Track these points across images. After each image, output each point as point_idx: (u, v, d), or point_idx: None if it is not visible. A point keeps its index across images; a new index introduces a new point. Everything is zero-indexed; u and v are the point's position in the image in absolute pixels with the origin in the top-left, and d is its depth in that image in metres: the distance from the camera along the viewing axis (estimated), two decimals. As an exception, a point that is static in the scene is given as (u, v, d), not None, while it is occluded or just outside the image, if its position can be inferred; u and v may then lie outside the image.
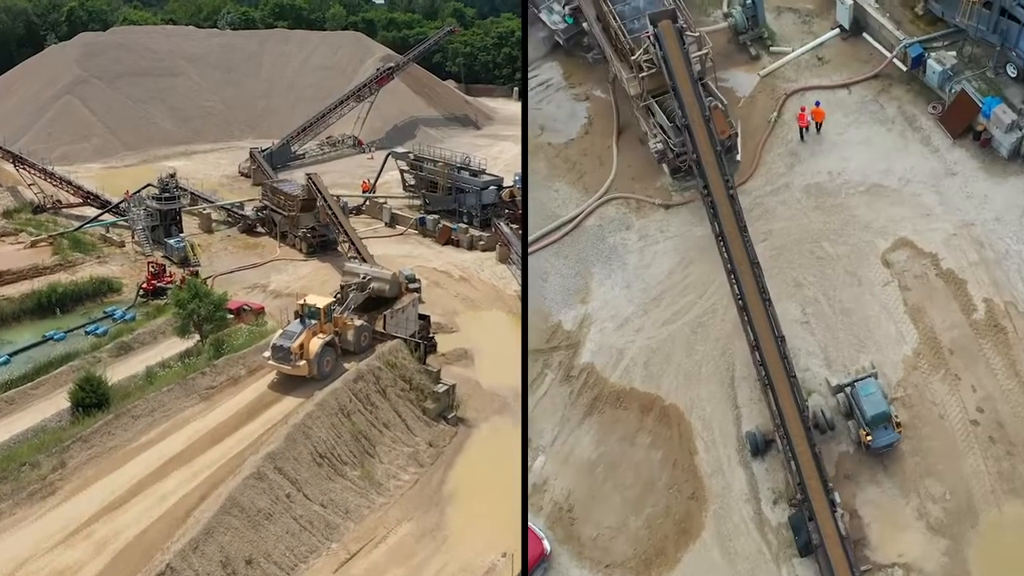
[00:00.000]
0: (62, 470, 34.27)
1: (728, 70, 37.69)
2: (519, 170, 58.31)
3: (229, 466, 34.42)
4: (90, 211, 71.96)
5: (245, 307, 51.86)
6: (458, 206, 69.94)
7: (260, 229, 70.11)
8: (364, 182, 79.83)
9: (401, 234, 70.53)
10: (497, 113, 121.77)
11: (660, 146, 34.19)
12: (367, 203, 75.83)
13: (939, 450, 28.96)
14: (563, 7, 39.13)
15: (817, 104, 35.94)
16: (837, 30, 38.00)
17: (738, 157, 34.75)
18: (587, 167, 36.44)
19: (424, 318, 49.17)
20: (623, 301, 33.06)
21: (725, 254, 30.50)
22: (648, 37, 33.82)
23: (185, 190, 73.18)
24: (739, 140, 35.31)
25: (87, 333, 51.53)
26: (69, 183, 73.78)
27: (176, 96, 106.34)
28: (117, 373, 43.28)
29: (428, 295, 56.63)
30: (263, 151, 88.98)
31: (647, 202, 35.22)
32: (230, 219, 72.20)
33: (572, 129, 37.59)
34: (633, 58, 34.68)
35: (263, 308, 53.04)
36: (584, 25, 38.23)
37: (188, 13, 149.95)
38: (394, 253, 64.90)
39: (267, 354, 40.55)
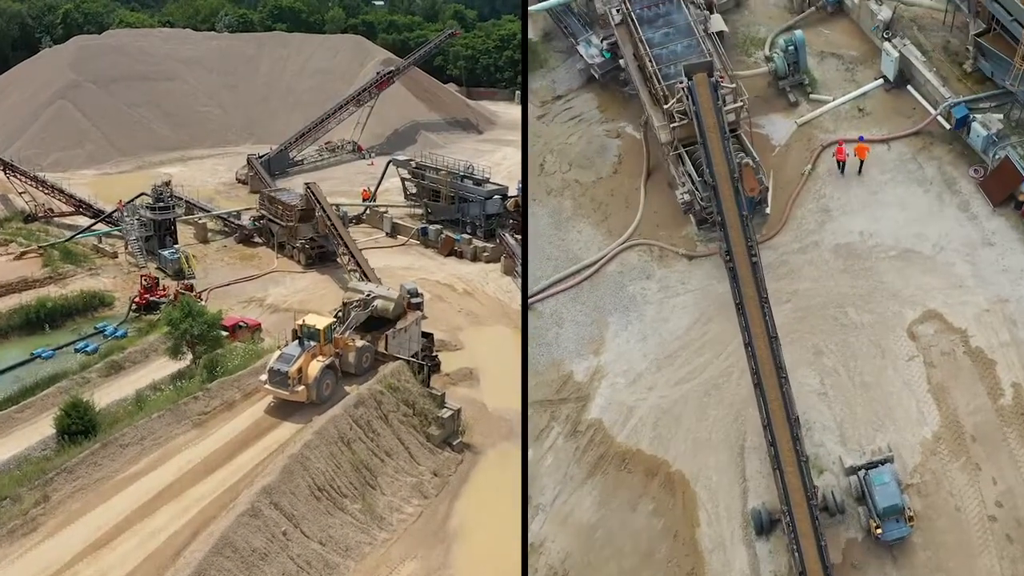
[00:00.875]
0: (45, 504, 32.22)
1: (765, 115, 36.21)
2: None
3: (222, 501, 32.40)
4: (82, 220, 69.96)
5: (241, 324, 49.89)
6: (461, 216, 68.01)
7: (257, 239, 68.17)
8: (364, 190, 77.86)
9: (402, 245, 68.62)
10: (499, 117, 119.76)
11: (687, 197, 32.72)
12: (367, 212, 73.88)
13: (953, 545, 26.95)
14: (601, 41, 37.95)
15: (861, 139, 34.37)
16: (881, 80, 36.32)
17: (767, 210, 33.18)
18: (613, 208, 35.23)
19: (427, 336, 47.24)
20: (637, 355, 31.66)
21: (743, 324, 28.74)
22: (682, 88, 32.34)
23: (180, 198, 71.10)
24: (769, 194, 33.66)
25: (76, 351, 49.56)
26: (61, 191, 71.76)
27: (172, 101, 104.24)
28: (106, 395, 41.42)
29: (431, 310, 54.74)
30: (261, 157, 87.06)
31: (670, 251, 33.87)
32: (226, 229, 70.26)
33: (601, 167, 36.40)
34: (666, 107, 33.32)
35: (259, 324, 51.12)
36: (621, 62, 36.87)
37: (185, 15, 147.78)
38: (395, 265, 63.04)
39: (263, 378, 38.60)
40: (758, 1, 39.83)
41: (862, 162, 34.54)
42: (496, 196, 66.08)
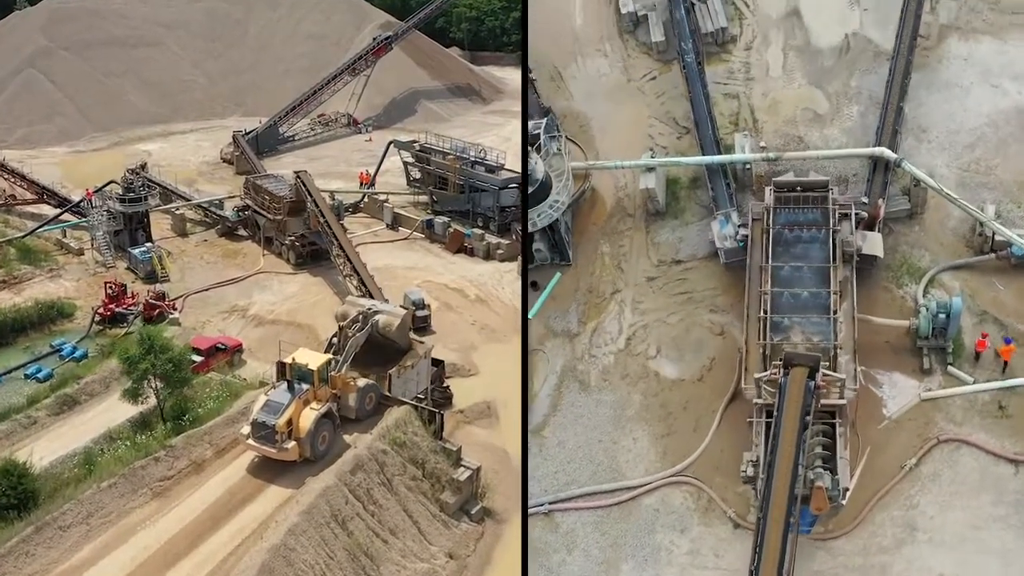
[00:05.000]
0: (-40, 614, 25.44)
1: (888, 371, 29.73)
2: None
3: (183, 610, 25.64)
4: (48, 210, 62.52)
5: (219, 345, 42.75)
6: (472, 207, 60.36)
7: (242, 232, 60.69)
8: (363, 173, 70.25)
9: (405, 239, 61.09)
10: (506, 85, 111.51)
11: (751, 471, 26.33)
12: (365, 200, 66.23)
13: None
14: (739, 225, 32.09)
15: (1008, 342, 28.70)
16: None
17: (843, 500, 26.25)
18: (679, 426, 30.19)
19: (437, 364, 40.01)
20: None
21: None
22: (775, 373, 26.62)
23: (155, 184, 63.61)
24: (852, 484, 27.04)
25: (27, 377, 42.50)
26: (22, 176, 64.13)
27: (153, 69, 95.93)
28: (55, 440, 35.08)
29: (439, 322, 47.69)
30: (247, 134, 79.42)
31: (719, 506, 28.33)
32: (207, 219, 62.71)
33: (690, 366, 31.36)
34: (756, 375, 27.39)
35: (240, 345, 43.97)
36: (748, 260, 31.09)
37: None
38: (397, 264, 55.87)
39: (245, 431, 31.71)
40: (934, 220, 32.75)
41: (1006, 363, 28.98)
42: (512, 185, 58.25)
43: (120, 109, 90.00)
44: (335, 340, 35.96)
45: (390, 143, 68.51)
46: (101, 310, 47.88)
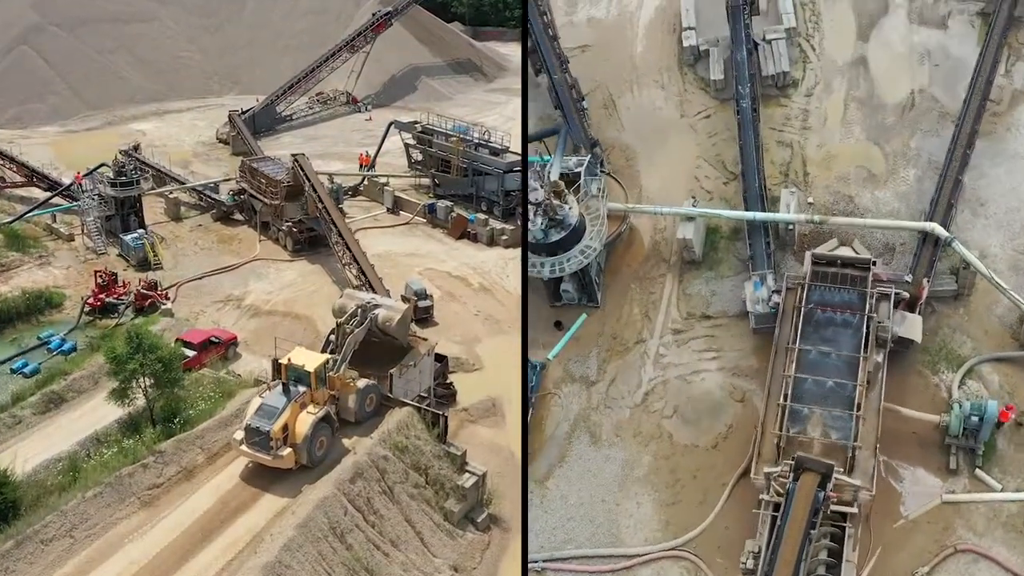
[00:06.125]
0: (-66, 637, 23.91)
1: (910, 465, 28.04)
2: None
3: (171, 633, 24.09)
4: (38, 193, 60.48)
5: (212, 339, 41.03)
6: (475, 191, 58.40)
7: (238, 216, 58.79)
8: (362, 155, 68.16)
9: (406, 223, 59.17)
10: (509, 62, 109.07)
11: (751, 564, 24.61)
12: (365, 183, 64.25)
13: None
14: (772, 291, 30.42)
15: None
16: None
17: None
18: (687, 495, 28.84)
19: (440, 360, 38.32)
20: None
21: None
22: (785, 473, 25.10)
23: (148, 167, 61.70)
24: None
25: (13, 371, 40.91)
26: (11, 159, 62.06)
27: (147, 46, 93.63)
28: (40, 441, 33.31)
29: (442, 313, 46.00)
30: (244, 113, 77.26)
31: None
32: (202, 203, 60.77)
33: (705, 432, 29.97)
34: (766, 470, 26.05)
35: (235, 338, 42.27)
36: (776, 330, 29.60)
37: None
38: (398, 250, 54.05)
39: (239, 436, 30.13)
40: (981, 304, 30.76)
41: (1021, 424, 27.84)
42: (517, 169, 56.32)
43: (114, 87, 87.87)
44: (332, 338, 34.22)
45: (390, 123, 66.35)
46: (91, 300, 46.15)
